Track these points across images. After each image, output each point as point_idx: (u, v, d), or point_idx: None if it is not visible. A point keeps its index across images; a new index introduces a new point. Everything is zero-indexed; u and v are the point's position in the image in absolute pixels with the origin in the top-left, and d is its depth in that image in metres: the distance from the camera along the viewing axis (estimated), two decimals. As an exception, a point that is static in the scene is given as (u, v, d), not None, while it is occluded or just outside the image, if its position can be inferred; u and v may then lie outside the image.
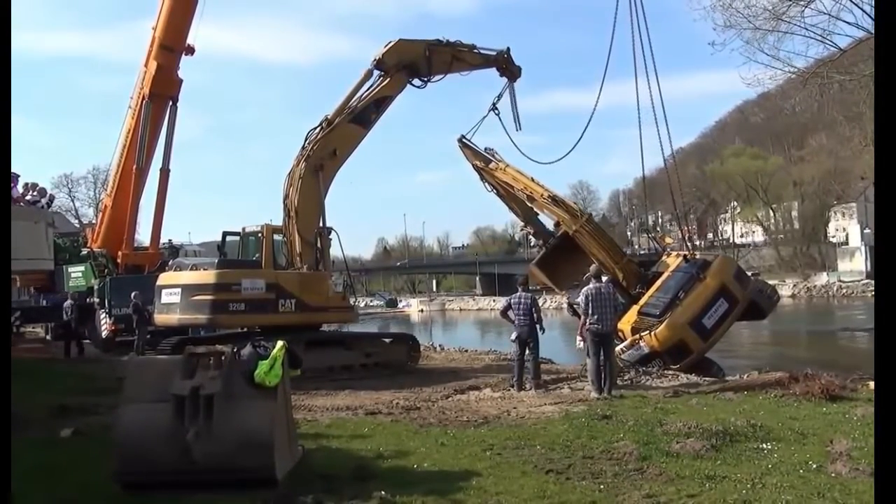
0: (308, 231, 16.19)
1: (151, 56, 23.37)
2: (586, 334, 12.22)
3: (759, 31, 18.92)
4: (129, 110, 24.55)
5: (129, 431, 6.20)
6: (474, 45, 18.32)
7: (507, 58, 18.69)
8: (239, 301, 14.82)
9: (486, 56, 18.48)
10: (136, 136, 23.65)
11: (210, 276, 15.16)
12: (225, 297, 14.76)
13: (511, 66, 18.81)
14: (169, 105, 24.07)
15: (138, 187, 24.14)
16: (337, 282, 17.11)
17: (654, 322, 16.09)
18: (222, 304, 14.73)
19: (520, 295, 13.24)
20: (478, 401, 11.99)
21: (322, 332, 17.14)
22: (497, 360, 19.34)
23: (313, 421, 10.00)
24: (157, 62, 23.16)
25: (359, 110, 16.95)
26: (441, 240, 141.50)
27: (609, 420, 9.36)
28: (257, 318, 15.35)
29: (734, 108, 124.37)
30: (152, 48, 23.31)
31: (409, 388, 13.28)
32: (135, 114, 24.01)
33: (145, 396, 6.28)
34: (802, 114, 74.14)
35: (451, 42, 17.87)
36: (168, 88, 23.79)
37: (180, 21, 22.69)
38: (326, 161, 16.57)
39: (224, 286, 14.83)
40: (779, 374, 12.73)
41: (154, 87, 23.30)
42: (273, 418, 6.26)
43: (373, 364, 16.36)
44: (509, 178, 18.79)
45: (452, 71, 17.90)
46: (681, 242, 26.78)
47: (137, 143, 23.52)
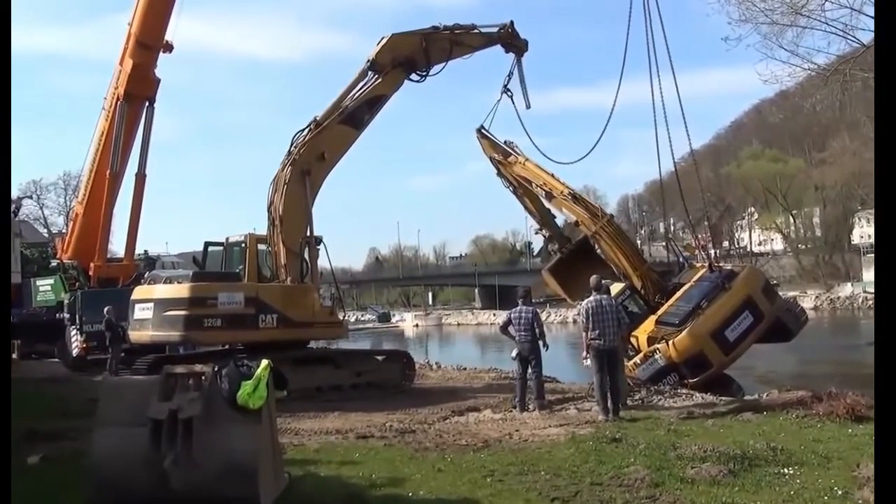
0: (293, 240, 16.19)
1: (127, 54, 23.41)
2: (590, 350, 12.21)
3: (777, 25, 18.98)
4: (102, 111, 24.60)
5: (102, 458, 6.18)
6: (474, 24, 18.28)
7: (511, 32, 18.64)
8: (215, 316, 14.77)
9: (487, 35, 18.48)
10: (110, 138, 23.68)
11: (184, 289, 15.12)
12: (200, 311, 14.71)
13: (516, 40, 18.80)
14: (145, 106, 24.12)
15: (112, 194, 24.14)
16: (325, 295, 17.07)
17: (673, 331, 16.07)
18: (197, 319, 14.68)
19: (520, 309, 13.23)
20: (477, 423, 11.96)
21: (309, 349, 17.10)
22: (498, 378, 19.32)
23: (300, 446, 9.96)
24: (133, 60, 23.20)
25: (350, 110, 16.98)
26: (437, 249, 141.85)
27: (619, 443, 9.35)
28: (236, 335, 15.31)
29: (751, 108, 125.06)
30: (128, 45, 23.36)
31: (404, 410, 13.24)
32: (109, 115, 24.04)
33: (120, 420, 6.26)
34: (823, 113, 74.32)
35: (448, 27, 17.81)
36: (145, 88, 23.83)
37: (158, 16, 22.74)
38: (314, 165, 16.59)
39: (199, 300, 14.78)
40: (801, 392, 12.75)
41: (130, 86, 23.34)
42: (257, 443, 6.25)
43: (364, 384, 16.34)
44: (528, 173, 18.87)
45: (453, 57, 17.90)
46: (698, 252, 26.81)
47: (111, 147, 23.54)
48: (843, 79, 19.81)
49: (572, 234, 20.55)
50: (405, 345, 49.29)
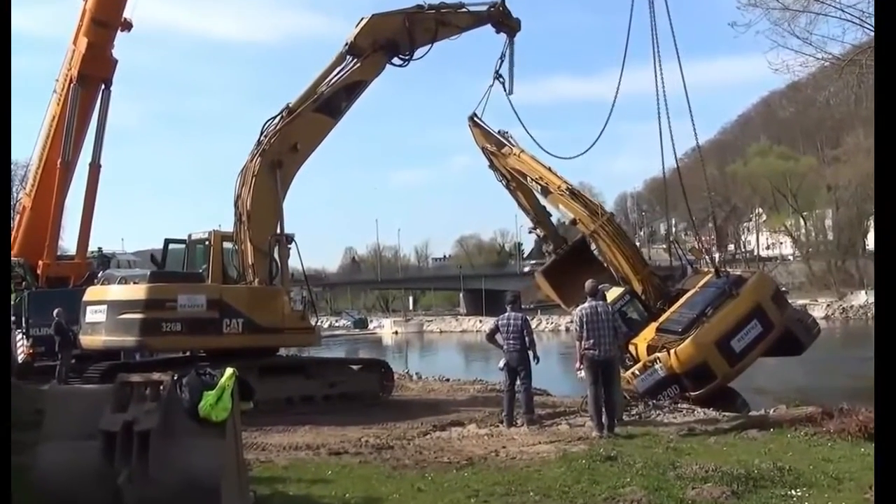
0: (262, 238, 16.14)
1: (81, 32, 23.27)
2: (584, 361, 12.24)
3: (789, 11, 19.10)
4: (54, 94, 24.43)
5: (49, 474, 6.12)
6: (462, 2, 18.31)
7: (502, 10, 18.70)
8: (175, 320, 14.70)
9: (476, 14, 18.52)
10: (61, 124, 23.51)
11: (140, 290, 15.03)
12: (158, 315, 14.63)
13: (508, 19, 18.87)
14: (101, 89, 23.99)
15: (63, 185, 23.97)
16: (296, 298, 17.03)
17: (675, 339, 16.14)
18: (154, 323, 14.61)
19: (509, 315, 13.24)
20: (461, 438, 11.98)
21: (278, 357, 17.06)
22: (484, 390, 19.34)
23: (268, 462, 9.94)
24: (88, 39, 23.06)
25: (326, 97, 16.96)
26: (419, 250, 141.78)
27: (614, 462, 9.39)
28: (197, 341, 15.27)
29: (759, 101, 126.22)
30: (82, 23, 23.21)
31: (381, 424, 13.24)
32: (61, 99, 23.88)
33: (69, 432, 6.21)
34: (838, 107, 74.82)
35: (433, 5, 17.79)
36: (100, 69, 23.69)
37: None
38: (286, 156, 16.56)
39: (157, 302, 14.70)
40: (810, 408, 12.83)
41: (84, 67, 23.19)
42: (220, 459, 6.21)
43: (338, 395, 16.32)
44: (523, 165, 18.92)
45: (439, 39, 17.90)
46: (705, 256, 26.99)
47: (63, 133, 23.37)
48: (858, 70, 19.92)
49: (568, 234, 20.64)
50: (383, 353, 49.30)
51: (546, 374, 18.59)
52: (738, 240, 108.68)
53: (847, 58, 20.02)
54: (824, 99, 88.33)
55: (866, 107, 23.57)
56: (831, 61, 20.03)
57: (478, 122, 19.74)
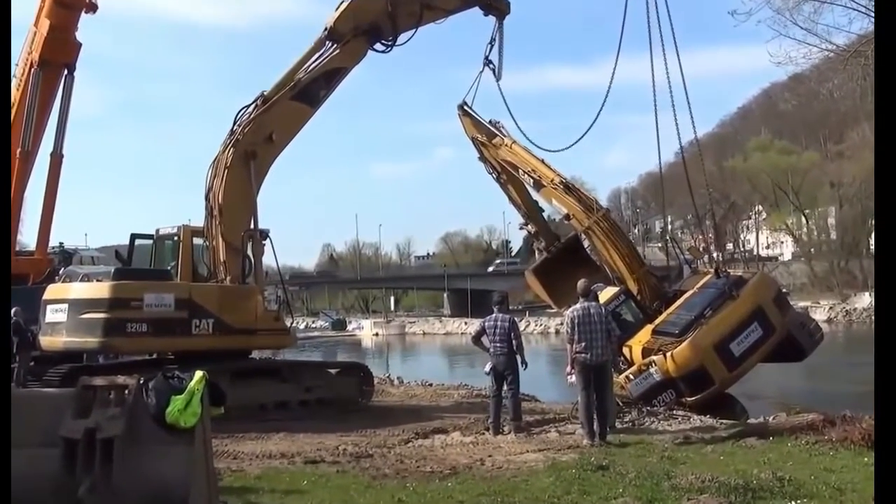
0: (235, 234, 16.10)
1: (43, 13, 23.09)
2: (575, 365, 12.27)
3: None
4: (13, 80, 24.21)
5: (5, 484, 6.07)
6: None
7: None
8: (141, 320, 14.64)
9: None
10: (21, 111, 23.32)
11: (103, 288, 14.96)
12: (122, 315, 14.56)
13: (497, 0, 18.93)
14: (63, 74, 23.81)
15: (23, 176, 23.77)
16: (270, 297, 16.99)
17: (672, 342, 16.20)
18: (119, 323, 14.54)
19: (496, 317, 13.26)
20: (444, 447, 11.99)
21: (252, 360, 17.05)
22: (469, 396, 19.35)
23: (239, 471, 9.92)
24: (51, 21, 22.89)
25: (304, 85, 16.92)
26: (401, 247, 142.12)
27: (605, 472, 9.41)
28: (164, 342, 15.22)
29: (760, 92, 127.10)
30: (44, 4, 23.04)
31: (360, 431, 13.26)
32: (21, 84, 23.68)
33: (27, 440, 6.15)
34: (842, 100, 75.57)
35: None
36: (63, 53, 23.52)
37: (79, -30, 22.49)
38: (261, 147, 16.52)
39: (121, 302, 14.63)
40: (811, 415, 12.92)
41: (46, 51, 23.01)
42: (189, 468, 6.18)
43: (314, 401, 16.30)
44: (515, 157, 18.96)
45: (424, 23, 17.90)
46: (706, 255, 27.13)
47: (23, 121, 23.20)
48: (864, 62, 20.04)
49: (560, 231, 20.70)
50: (362, 356, 49.21)
51: (535, 378, 18.66)
52: (737, 239, 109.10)
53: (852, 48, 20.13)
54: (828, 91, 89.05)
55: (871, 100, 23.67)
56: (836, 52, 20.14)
57: (468, 110, 19.78)
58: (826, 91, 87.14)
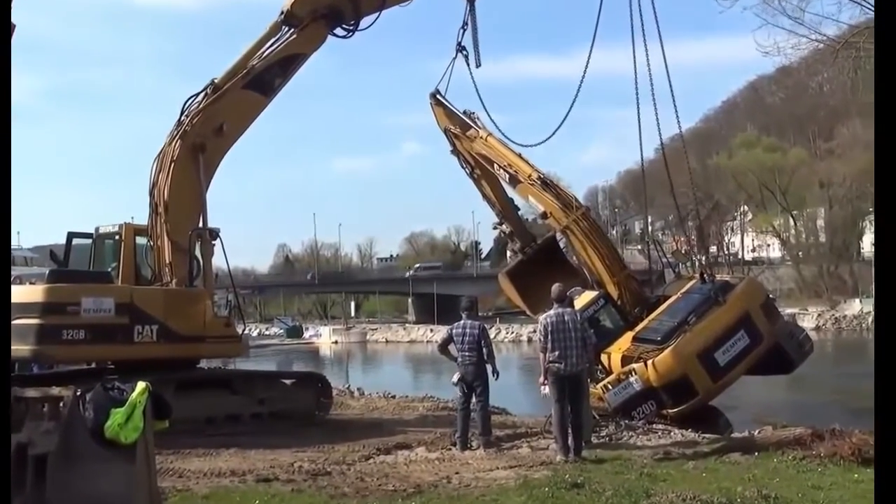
0: (182, 233, 16.00)
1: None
2: (549, 376, 12.28)
3: (780, -15, 19.41)
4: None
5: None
6: None
7: None
8: (77, 327, 14.47)
9: None
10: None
11: (37, 292, 14.77)
12: (57, 320, 14.40)
13: None
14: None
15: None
16: (220, 302, 16.92)
17: (653, 349, 16.28)
18: (53, 330, 14.36)
19: (464, 324, 13.27)
20: (408, 463, 11.98)
21: (199, 369, 16.93)
22: (434, 409, 19.36)
23: (185, 490, 9.85)
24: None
25: (258, 72, 16.88)
26: (363, 248, 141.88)
27: (580, 489, 9.44)
28: (104, 351, 15.06)
29: (746, 85, 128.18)
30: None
31: (317, 447, 13.21)
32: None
33: (-49, 456, 6.08)
34: (832, 94, 76.44)
35: None
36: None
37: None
38: (210, 139, 16.44)
39: (57, 306, 14.46)
40: (799, 429, 13.07)
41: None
42: (130, 487, 6.13)
43: (268, 414, 16.24)
44: (490, 151, 19.00)
45: (388, 6, 17.96)
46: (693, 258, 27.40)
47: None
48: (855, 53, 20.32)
49: (536, 231, 20.78)
50: (320, 366, 49.10)
51: (506, 390, 18.67)
52: (721, 241, 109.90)
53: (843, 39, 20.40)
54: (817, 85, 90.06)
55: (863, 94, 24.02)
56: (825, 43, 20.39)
57: (441, 99, 19.80)
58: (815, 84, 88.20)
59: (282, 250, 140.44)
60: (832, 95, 77.69)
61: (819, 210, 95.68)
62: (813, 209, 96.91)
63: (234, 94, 16.67)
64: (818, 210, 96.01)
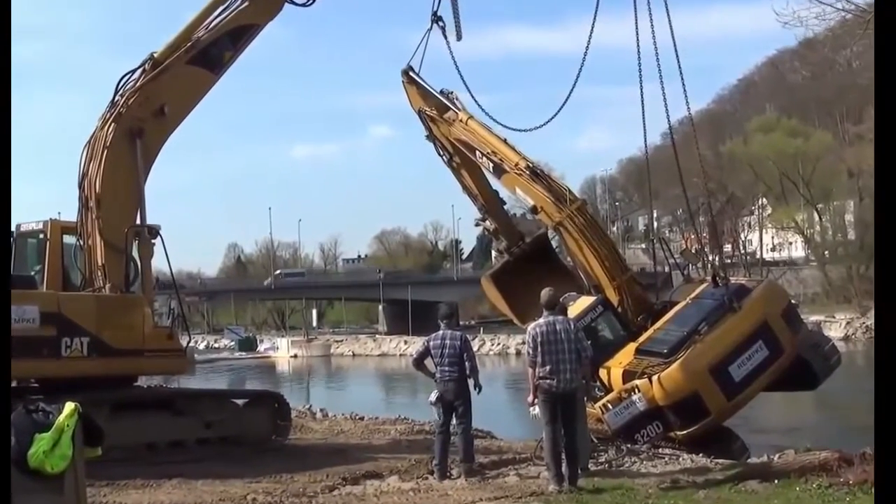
0: (116, 231, 15.95)
1: None
2: (539, 394, 12.28)
3: (803, -55, 19.54)
4: None
5: None
6: None
7: None
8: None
9: None
10: None
11: None
12: None
13: None
14: None
15: None
16: (161, 310, 16.87)
17: (659, 363, 16.31)
18: None
19: (443, 334, 13.27)
20: (379, 494, 11.99)
21: (138, 388, 16.96)
22: (409, 432, 19.39)
23: (121, 527, 9.82)
24: None
25: (204, 46, 16.85)
26: (326, 248, 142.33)
27: (576, 524, 9.49)
28: (27, 367, 14.90)
29: (765, 61, 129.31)
30: None
31: (274, 476, 13.20)
32: None
33: None
34: (862, 72, 76.92)
35: None
36: None
37: None
38: (149, 122, 16.39)
39: None
40: (824, 453, 13.12)
41: None
42: (57, 523, 6.12)
43: (217, 439, 16.26)
44: (471, 136, 18.96)
45: None
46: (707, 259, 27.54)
47: None
48: (889, 24, 20.37)
49: (525, 228, 20.78)
50: (277, 383, 49.07)
51: (491, 410, 18.74)
52: (737, 238, 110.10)
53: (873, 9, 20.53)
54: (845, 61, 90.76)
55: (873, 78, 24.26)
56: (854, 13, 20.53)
57: (414, 77, 19.78)
58: (843, 60, 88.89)
59: (233, 250, 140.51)
60: (862, 73, 78.08)
61: (847, 203, 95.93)
62: (840, 202, 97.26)
63: (177, 71, 16.62)
64: (846, 203, 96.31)
